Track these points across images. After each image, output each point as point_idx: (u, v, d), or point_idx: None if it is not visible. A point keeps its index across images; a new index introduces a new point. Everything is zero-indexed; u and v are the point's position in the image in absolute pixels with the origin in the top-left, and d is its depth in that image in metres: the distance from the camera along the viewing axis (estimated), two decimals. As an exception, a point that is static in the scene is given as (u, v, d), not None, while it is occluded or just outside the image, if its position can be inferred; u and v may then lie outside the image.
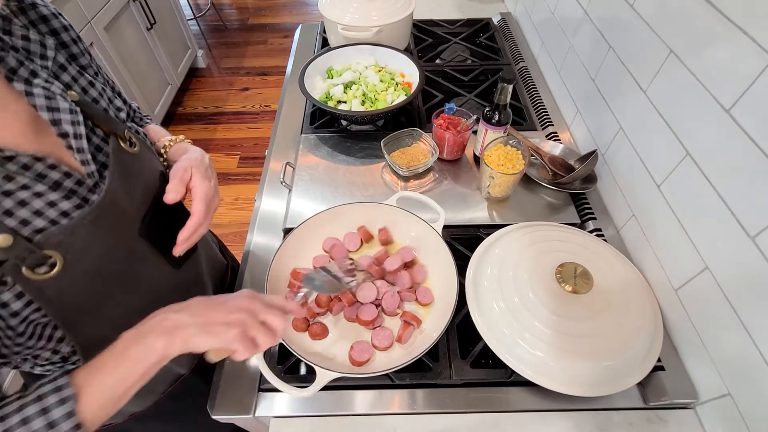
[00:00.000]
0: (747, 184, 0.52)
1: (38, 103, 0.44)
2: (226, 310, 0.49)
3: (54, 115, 0.45)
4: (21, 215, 0.42)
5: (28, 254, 0.42)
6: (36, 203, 0.43)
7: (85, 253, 0.48)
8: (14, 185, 0.42)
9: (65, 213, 0.45)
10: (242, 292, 0.53)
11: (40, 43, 0.48)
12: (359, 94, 1.02)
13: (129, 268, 0.55)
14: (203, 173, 0.60)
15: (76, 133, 0.47)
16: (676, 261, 0.66)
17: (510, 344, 0.63)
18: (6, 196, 0.41)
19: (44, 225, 0.44)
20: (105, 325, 0.53)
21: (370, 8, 1.14)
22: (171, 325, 0.46)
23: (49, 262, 0.44)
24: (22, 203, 0.42)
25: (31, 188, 0.43)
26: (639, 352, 0.62)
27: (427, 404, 0.64)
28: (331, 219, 0.78)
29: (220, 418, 0.65)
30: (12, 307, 0.44)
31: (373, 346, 0.66)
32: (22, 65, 0.44)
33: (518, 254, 0.70)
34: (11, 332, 0.46)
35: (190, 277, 0.68)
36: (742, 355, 0.54)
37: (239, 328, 0.47)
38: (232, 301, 0.50)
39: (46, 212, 0.44)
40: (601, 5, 0.87)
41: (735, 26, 0.53)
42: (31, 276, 0.43)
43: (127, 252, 0.54)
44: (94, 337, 0.52)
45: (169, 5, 2.50)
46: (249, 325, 0.49)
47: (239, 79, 2.90)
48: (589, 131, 0.93)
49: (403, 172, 0.91)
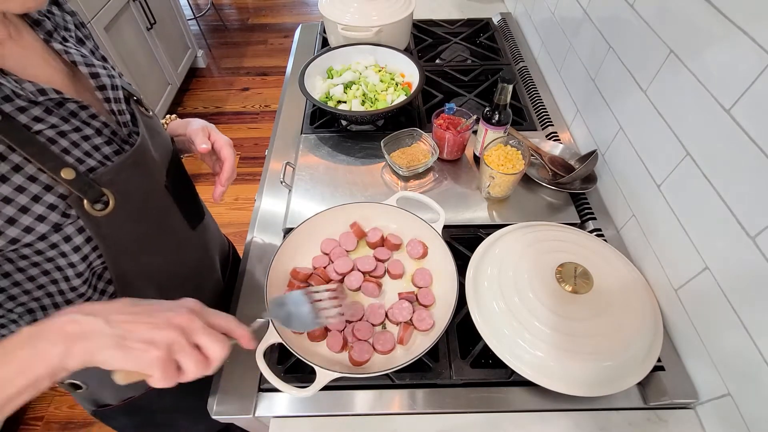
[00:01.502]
0: (747, 184, 0.52)
1: (77, 59, 0.49)
2: (154, 323, 0.40)
3: (91, 70, 0.50)
4: (76, 154, 0.47)
5: (89, 188, 0.46)
6: (85, 145, 0.48)
7: (130, 195, 0.51)
8: (68, 126, 0.46)
9: (107, 157, 0.50)
10: (184, 302, 0.44)
11: (63, 18, 0.54)
12: (359, 94, 1.02)
13: (160, 218, 0.59)
14: (216, 130, 0.69)
15: (113, 84, 0.52)
16: (676, 261, 0.66)
17: (510, 344, 0.63)
18: (61, 136, 0.46)
19: (95, 164, 0.48)
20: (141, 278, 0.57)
21: (370, 8, 1.14)
22: (77, 331, 0.38)
23: (103, 199, 0.48)
24: (74, 144, 0.47)
25: (81, 131, 0.48)
26: (639, 352, 0.62)
27: (427, 404, 0.64)
28: (331, 219, 0.78)
29: (220, 418, 0.65)
30: (74, 241, 0.47)
31: (374, 350, 0.65)
32: (56, 30, 0.50)
33: (518, 254, 0.70)
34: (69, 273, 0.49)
35: (203, 243, 0.73)
36: (742, 355, 0.54)
37: (163, 349, 0.39)
38: (167, 314, 0.42)
39: (94, 154, 0.48)
40: (601, 5, 0.87)
41: (735, 26, 0.53)
42: (91, 211, 0.47)
43: (159, 201, 0.58)
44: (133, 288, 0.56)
45: (169, 5, 2.50)
46: (178, 347, 0.40)
47: (239, 79, 2.90)
48: (589, 131, 0.93)
49: (403, 172, 0.91)
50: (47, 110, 0.45)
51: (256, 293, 0.77)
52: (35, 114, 0.44)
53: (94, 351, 0.38)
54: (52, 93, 0.45)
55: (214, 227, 0.81)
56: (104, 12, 1.86)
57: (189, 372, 0.41)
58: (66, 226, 0.46)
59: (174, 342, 0.40)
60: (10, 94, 0.42)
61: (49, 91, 0.44)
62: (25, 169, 0.43)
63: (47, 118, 0.45)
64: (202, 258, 0.73)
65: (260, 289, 0.69)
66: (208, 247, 0.75)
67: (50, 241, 0.46)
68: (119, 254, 0.53)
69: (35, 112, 0.44)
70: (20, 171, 0.42)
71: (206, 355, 0.42)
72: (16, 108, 0.43)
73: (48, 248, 0.46)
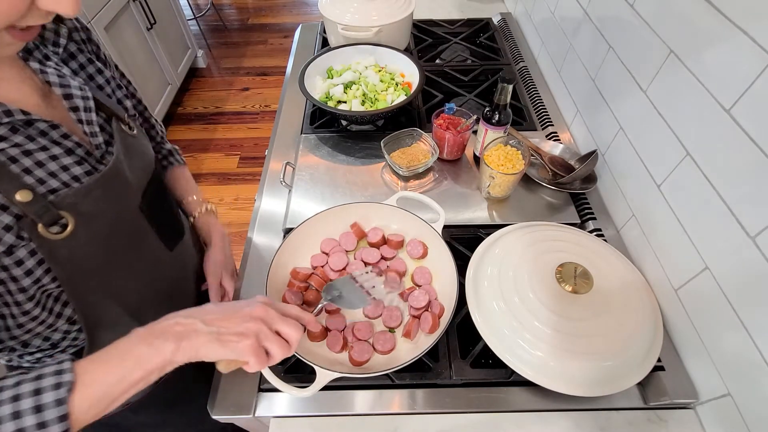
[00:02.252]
0: (747, 184, 0.52)
1: (52, 80, 0.49)
2: (240, 318, 0.47)
3: (65, 90, 0.50)
4: (38, 174, 0.46)
5: (45, 212, 0.45)
6: (51, 165, 0.47)
7: (95, 217, 0.50)
8: (34, 145, 0.46)
9: (76, 178, 0.49)
10: (257, 299, 0.51)
11: (54, 32, 0.53)
12: (359, 94, 1.02)
13: (132, 240, 0.58)
14: (230, 273, 0.75)
15: (85, 107, 0.51)
16: (676, 261, 0.66)
17: (510, 344, 0.63)
18: (26, 155, 0.45)
19: (58, 186, 0.47)
20: (108, 299, 0.56)
21: (370, 8, 1.14)
22: (183, 330, 0.45)
23: (61, 222, 0.47)
24: (39, 164, 0.46)
25: (48, 150, 0.47)
26: (639, 352, 0.62)
27: (427, 404, 0.64)
28: (331, 219, 0.78)
29: (220, 418, 0.65)
30: (26, 264, 0.46)
31: (374, 350, 0.65)
32: (37, 48, 0.50)
33: (518, 254, 0.70)
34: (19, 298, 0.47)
35: (181, 262, 0.71)
36: (742, 355, 0.54)
37: (253, 338, 0.46)
38: (247, 309, 0.48)
39: (60, 175, 0.47)
40: (601, 5, 0.87)
41: (735, 26, 0.53)
42: (46, 234, 0.45)
43: (130, 224, 0.57)
44: (97, 310, 0.54)
45: (169, 5, 2.50)
46: (263, 335, 0.47)
47: (239, 79, 2.90)
48: (589, 131, 0.93)
49: (403, 172, 0.91)
50: (13, 128, 0.44)
51: (256, 293, 0.77)
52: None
53: (199, 346, 0.44)
54: (18, 114, 0.44)
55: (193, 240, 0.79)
56: (104, 12, 1.86)
57: (276, 355, 0.47)
58: (18, 248, 0.45)
59: (260, 331, 0.46)
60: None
61: (15, 113, 0.44)
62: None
63: (11, 136, 0.44)
64: (178, 278, 0.71)
65: (260, 290, 0.69)
66: (185, 265, 0.74)
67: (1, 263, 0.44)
68: (80, 277, 0.52)
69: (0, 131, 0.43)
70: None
71: (286, 339, 0.49)
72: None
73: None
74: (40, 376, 0.40)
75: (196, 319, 0.46)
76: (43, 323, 0.52)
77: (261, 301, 0.50)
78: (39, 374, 0.41)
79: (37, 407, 0.38)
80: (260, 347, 0.46)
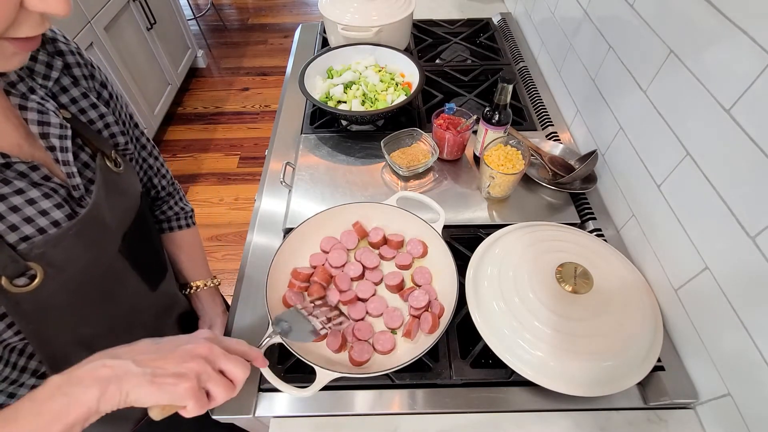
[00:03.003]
0: (747, 184, 0.52)
1: (30, 117, 0.45)
2: (179, 357, 0.42)
3: (43, 129, 0.46)
4: (11, 220, 0.42)
5: (10, 263, 0.41)
6: (28, 210, 0.43)
7: (66, 266, 0.47)
8: (9, 189, 0.42)
9: (56, 222, 0.46)
10: (200, 333, 0.47)
11: (47, 65, 0.49)
12: (359, 94, 1.02)
13: (108, 285, 0.54)
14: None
15: (62, 146, 0.47)
16: (676, 261, 0.66)
17: (510, 344, 0.63)
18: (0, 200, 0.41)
19: (31, 233, 0.44)
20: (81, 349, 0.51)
21: (370, 8, 1.14)
22: (109, 374, 0.39)
23: (29, 273, 0.43)
24: (14, 209, 0.42)
25: (24, 193, 0.43)
26: (639, 352, 0.62)
27: (427, 404, 0.64)
28: (331, 219, 0.78)
29: (220, 418, 0.65)
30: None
31: (374, 350, 0.66)
32: (22, 81, 0.46)
33: (518, 254, 0.70)
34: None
35: (166, 299, 0.68)
36: (742, 355, 0.54)
37: (193, 380, 0.41)
38: (188, 346, 0.44)
39: (37, 220, 0.44)
40: (601, 5, 0.87)
41: (735, 26, 0.53)
42: (9, 288, 0.42)
43: (106, 269, 0.53)
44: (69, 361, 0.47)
45: (169, 5, 2.50)
46: (206, 376, 0.42)
47: (239, 79, 2.90)
48: (589, 131, 0.93)
49: (403, 172, 0.91)
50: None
51: (256, 294, 0.77)
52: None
53: (129, 391, 0.39)
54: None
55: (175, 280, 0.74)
56: (104, 12, 1.86)
57: (218, 397, 0.43)
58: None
59: (201, 371, 0.42)
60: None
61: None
62: None
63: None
64: (160, 321, 0.67)
65: (260, 290, 0.69)
66: (170, 305, 0.70)
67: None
68: (48, 328, 0.48)
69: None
70: None
71: (231, 379, 0.45)
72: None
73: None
74: None
75: (127, 360, 0.41)
76: (6, 380, 0.48)
77: (204, 336, 0.46)
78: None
79: None
80: (200, 389, 0.42)
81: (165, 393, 0.40)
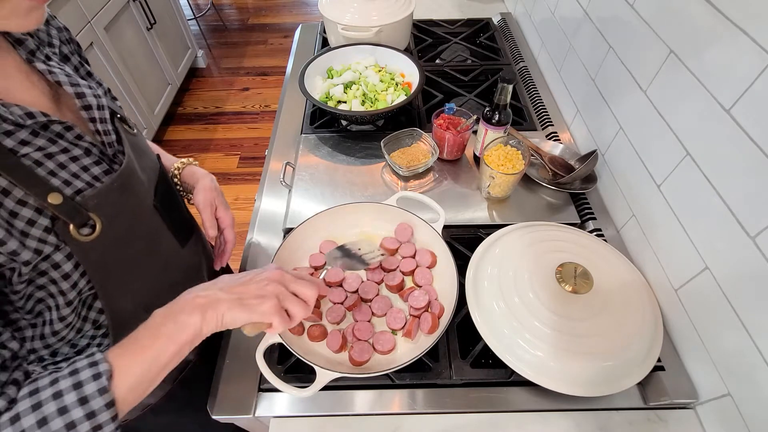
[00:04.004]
0: (747, 184, 0.52)
1: (61, 79, 0.48)
2: (257, 283, 0.49)
3: (77, 89, 0.49)
4: (63, 176, 0.45)
5: (75, 213, 0.45)
6: (72, 167, 0.46)
7: (117, 217, 0.50)
8: (56, 148, 0.45)
9: (97, 178, 0.49)
10: (269, 266, 0.53)
11: (47, 33, 0.52)
12: (359, 94, 1.02)
13: (149, 239, 0.58)
14: (223, 203, 0.72)
15: (98, 104, 0.51)
16: (676, 261, 0.66)
17: (510, 344, 0.63)
18: (48, 158, 0.44)
19: (82, 186, 0.47)
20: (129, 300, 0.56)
21: (370, 8, 1.14)
22: (204, 302, 0.46)
23: (90, 224, 0.47)
24: (61, 166, 0.45)
25: (69, 152, 0.46)
26: (639, 352, 0.62)
27: (427, 404, 0.64)
28: (331, 219, 0.78)
29: (220, 418, 0.65)
30: (63, 268, 0.46)
31: (374, 350, 0.65)
32: (39, 49, 0.49)
33: (518, 254, 0.70)
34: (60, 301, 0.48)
35: (195, 258, 0.71)
36: (742, 355, 0.54)
37: (274, 299, 0.48)
38: (263, 274, 0.50)
39: (82, 176, 0.47)
40: (601, 5, 0.87)
41: (735, 26, 0.53)
42: (78, 237, 0.45)
43: (147, 222, 0.57)
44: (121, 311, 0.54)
45: (169, 5, 2.50)
46: (282, 296, 0.49)
47: (239, 79, 2.90)
48: (589, 131, 0.93)
49: (403, 172, 0.91)
50: (33, 132, 0.44)
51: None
52: (21, 137, 0.42)
53: (224, 312, 0.46)
54: (39, 116, 0.43)
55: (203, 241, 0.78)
56: (104, 12, 1.86)
57: (297, 314, 0.49)
58: (55, 253, 0.45)
59: (279, 293, 0.49)
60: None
61: (36, 114, 0.43)
62: (13, 193, 0.41)
63: (33, 140, 0.43)
64: (193, 276, 0.71)
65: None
66: (199, 264, 0.73)
67: (39, 269, 0.45)
68: (108, 280, 0.52)
69: (21, 135, 0.43)
70: (9, 195, 0.41)
71: (304, 298, 0.51)
72: (3, 132, 0.41)
73: (38, 276, 0.45)
74: (75, 371, 0.41)
75: (215, 289, 0.47)
76: (73, 328, 0.52)
77: (273, 267, 0.52)
78: (73, 369, 0.41)
79: (81, 399, 0.39)
80: (282, 308, 0.48)
81: (253, 312, 0.46)
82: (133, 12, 2.11)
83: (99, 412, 0.39)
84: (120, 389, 0.41)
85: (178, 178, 0.74)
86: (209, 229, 0.69)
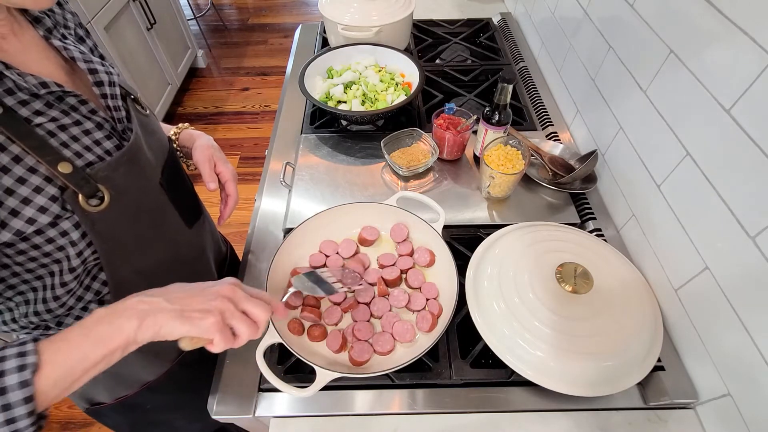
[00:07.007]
0: (747, 184, 0.52)
1: (76, 56, 0.50)
2: (205, 296, 0.47)
3: (90, 66, 0.51)
4: (75, 148, 0.47)
5: (85, 183, 0.47)
6: (85, 140, 0.48)
7: (124, 191, 0.52)
8: (69, 120, 0.47)
9: (108, 152, 0.50)
10: (225, 280, 0.50)
11: (63, 16, 0.55)
12: (359, 94, 1.02)
13: (155, 216, 0.59)
14: (222, 158, 0.71)
15: (110, 81, 0.53)
16: (676, 261, 0.66)
17: (510, 344, 0.63)
18: (61, 130, 0.46)
19: (93, 159, 0.49)
20: (134, 275, 0.57)
21: (370, 8, 1.14)
22: (146, 308, 0.44)
23: (98, 195, 0.48)
24: (74, 138, 0.47)
25: (81, 124, 0.48)
26: (639, 352, 0.62)
27: (427, 404, 0.64)
28: (331, 219, 0.78)
29: (220, 418, 0.65)
30: (71, 236, 0.48)
31: (374, 350, 0.65)
32: (55, 28, 0.51)
33: (518, 254, 0.70)
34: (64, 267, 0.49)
35: (201, 239, 0.72)
36: (742, 355, 0.54)
37: (217, 316, 0.45)
38: (213, 288, 0.48)
39: (94, 149, 0.49)
40: (601, 5, 0.87)
41: (735, 26, 0.53)
42: (86, 206, 0.47)
43: (154, 199, 0.59)
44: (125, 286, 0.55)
45: (169, 5, 2.50)
46: (229, 313, 0.46)
47: (239, 79, 2.90)
48: (589, 131, 0.93)
49: (403, 172, 0.91)
50: (48, 104, 0.46)
51: (256, 293, 0.77)
52: (36, 107, 0.44)
53: (162, 323, 0.44)
54: (53, 86, 0.45)
55: (211, 226, 0.81)
56: (104, 12, 1.86)
57: (242, 335, 0.47)
58: (63, 221, 0.46)
59: (225, 309, 0.46)
60: (12, 87, 0.43)
61: (50, 84, 0.45)
62: (24, 160, 0.43)
63: (48, 111, 0.45)
64: (197, 258, 0.72)
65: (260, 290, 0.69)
66: (204, 247, 0.75)
67: (47, 235, 0.46)
68: (113, 253, 0.53)
69: (36, 106, 0.44)
70: (20, 162, 0.43)
71: (254, 320, 0.48)
72: (18, 101, 0.43)
73: (45, 243, 0.47)
74: (2, 359, 0.40)
75: (161, 298, 0.46)
76: (74, 296, 0.54)
77: (228, 281, 0.50)
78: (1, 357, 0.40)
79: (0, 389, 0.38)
80: (226, 325, 0.46)
81: (193, 326, 0.44)
82: (133, 12, 2.11)
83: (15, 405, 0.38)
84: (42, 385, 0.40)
85: (176, 144, 0.73)
86: (209, 182, 0.68)
